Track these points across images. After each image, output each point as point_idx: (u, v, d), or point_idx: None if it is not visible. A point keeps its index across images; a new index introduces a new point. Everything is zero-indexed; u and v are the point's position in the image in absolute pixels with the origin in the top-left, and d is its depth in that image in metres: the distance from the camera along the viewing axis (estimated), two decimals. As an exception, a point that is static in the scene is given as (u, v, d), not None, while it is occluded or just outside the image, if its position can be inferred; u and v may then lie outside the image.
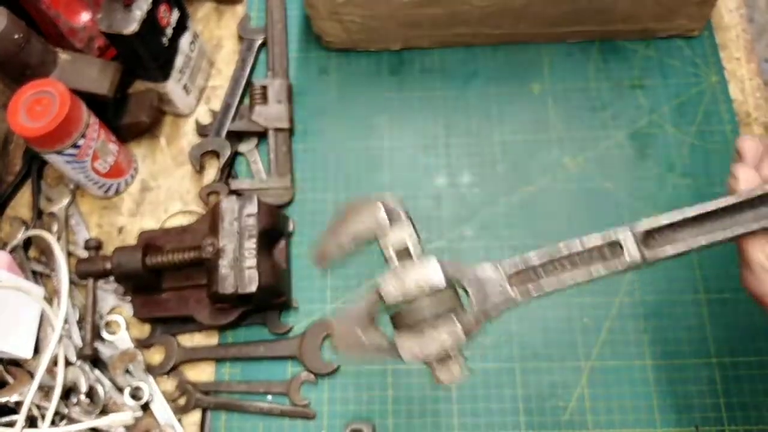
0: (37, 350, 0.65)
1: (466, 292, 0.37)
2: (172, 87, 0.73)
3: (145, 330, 0.69)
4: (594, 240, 0.36)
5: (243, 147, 0.75)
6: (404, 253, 0.37)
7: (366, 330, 0.36)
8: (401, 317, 0.36)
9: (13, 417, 0.62)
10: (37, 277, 0.71)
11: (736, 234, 0.36)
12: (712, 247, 0.37)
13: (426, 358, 0.35)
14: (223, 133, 0.74)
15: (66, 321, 0.66)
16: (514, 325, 0.65)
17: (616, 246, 0.35)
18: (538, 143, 0.73)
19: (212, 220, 0.64)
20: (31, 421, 0.62)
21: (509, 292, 0.36)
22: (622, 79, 0.75)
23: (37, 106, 0.63)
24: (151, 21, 0.65)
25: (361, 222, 0.37)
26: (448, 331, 0.35)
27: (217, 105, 0.78)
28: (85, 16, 0.73)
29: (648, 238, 0.36)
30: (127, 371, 0.65)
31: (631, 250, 0.35)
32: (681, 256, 0.37)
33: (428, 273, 0.36)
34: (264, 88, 0.75)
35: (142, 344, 0.67)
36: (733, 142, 0.71)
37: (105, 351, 0.66)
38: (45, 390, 0.63)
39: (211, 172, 0.74)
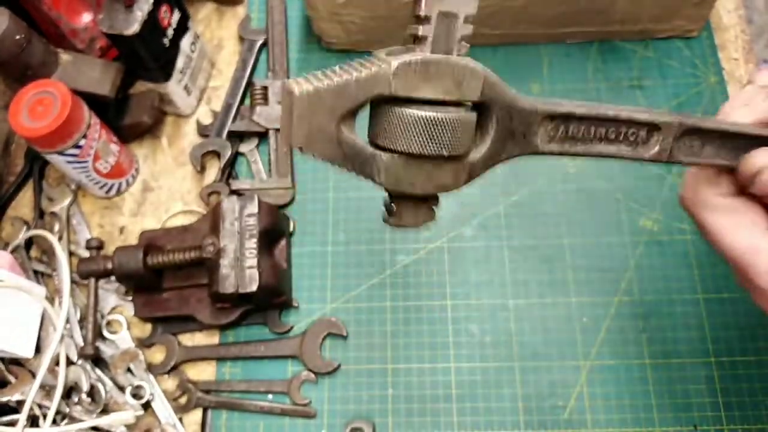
0: (38, 349, 0.65)
1: (493, 118, 0.28)
2: (174, 87, 0.73)
3: (146, 329, 0.69)
4: (639, 114, 0.31)
5: (244, 147, 0.75)
6: (450, 29, 0.26)
7: (344, 121, 0.25)
8: (409, 127, 0.26)
9: (15, 416, 0.62)
10: (38, 276, 0.71)
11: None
12: (719, 167, 0.34)
13: (412, 192, 0.27)
14: (224, 134, 0.75)
15: (67, 320, 0.66)
16: (514, 324, 0.66)
17: (654, 129, 0.31)
18: None
19: (213, 220, 0.64)
20: (33, 421, 0.63)
21: (535, 137, 0.29)
22: (621, 80, 0.75)
23: (38, 107, 0.63)
24: (152, 22, 0.66)
25: None
26: (453, 169, 0.27)
27: (218, 105, 0.78)
28: (86, 17, 0.73)
29: (684, 136, 0.32)
30: (129, 370, 0.66)
31: (668, 141, 0.31)
32: (691, 165, 0.35)
33: (467, 73, 0.26)
34: (265, 88, 0.75)
35: (143, 343, 0.68)
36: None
37: (106, 350, 0.67)
38: (46, 389, 0.63)
39: (212, 172, 0.74)
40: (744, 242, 0.37)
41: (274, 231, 0.66)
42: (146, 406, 0.64)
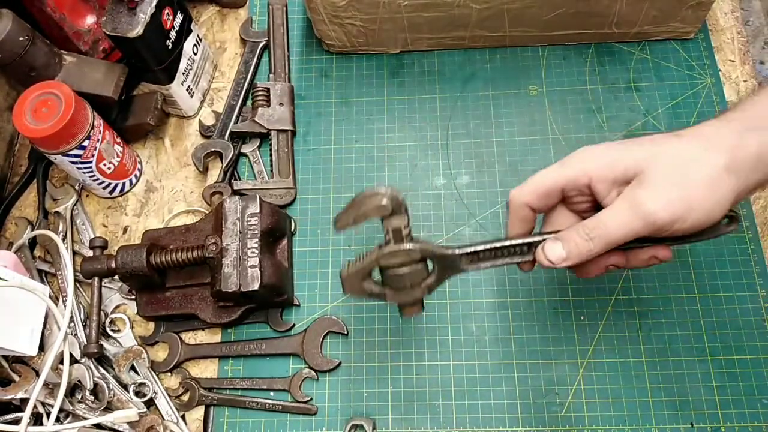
0: (42, 348, 0.65)
1: (433, 263, 0.51)
2: (176, 89, 0.74)
3: (149, 328, 0.70)
4: (517, 239, 0.51)
5: (246, 148, 0.76)
6: (398, 233, 0.50)
7: (364, 279, 0.51)
8: (391, 279, 0.51)
9: (19, 414, 0.63)
10: (42, 276, 0.72)
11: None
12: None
13: (403, 303, 0.52)
14: (226, 135, 0.75)
15: (71, 319, 0.67)
16: (513, 322, 0.66)
17: (531, 246, 0.51)
18: (535, 144, 0.74)
19: (215, 219, 0.65)
20: (36, 418, 0.63)
21: (460, 265, 0.51)
22: (618, 82, 0.76)
23: (42, 108, 0.64)
24: (155, 24, 0.67)
25: (372, 205, 0.49)
26: (419, 290, 0.51)
27: (220, 107, 0.79)
28: (89, 19, 0.74)
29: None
30: (132, 368, 0.66)
31: (531, 254, 0.51)
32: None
33: (411, 250, 0.50)
34: (266, 90, 0.76)
35: (147, 342, 0.68)
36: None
37: (110, 348, 0.67)
38: (50, 387, 0.63)
39: (215, 172, 0.75)
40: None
41: (275, 231, 0.67)
42: (149, 403, 0.65)
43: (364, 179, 0.74)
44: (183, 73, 0.74)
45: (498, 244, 0.50)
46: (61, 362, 0.63)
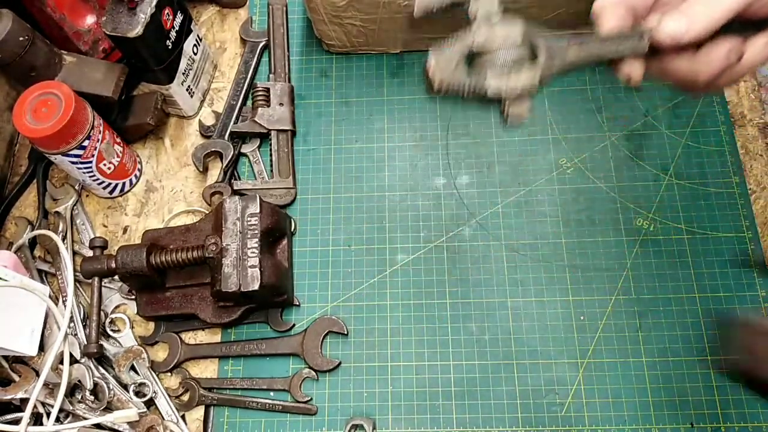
0: (42, 348, 0.65)
1: (537, 50, 0.45)
2: (176, 89, 0.74)
3: (149, 328, 0.70)
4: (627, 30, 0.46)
5: (246, 148, 0.76)
6: (489, 20, 0.45)
7: (456, 67, 0.44)
8: (490, 61, 0.44)
9: (19, 414, 0.63)
10: (42, 276, 0.72)
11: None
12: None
13: (506, 94, 0.43)
14: (227, 135, 0.75)
15: (71, 319, 0.67)
16: (512, 322, 0.66)
17: (643, 34, 0.45)
18: (535, 144, 0.74)
19: (215, 219, 0.65)
20: (37, 418, 0.63)
21: (567, 55, 0.45)
22: (618, 82, 0.76)
23: (42, 108, 0.64)
24: (155, 24, 0.67)
25: None
26: (527, 75, 0.44)
27: (220, 107, 0.79)
28: (89, 19, 0.74)
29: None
30: (132, 368, 0.66)
31: (646, 39, 0.45)
32: None
33: (511, 28, 0.45)
34: (266, 90, 0.76)
35: (147, 342, 0.68)
36: (727, 143, 0.72)
37: (110, 348, 0.67)
38: (50, 387, 0.63)
39: (215, 172, 0.75)
40: None
41: (275, 231, 0.67)
42: (149, 403, 0.65)
43: (364, 179, 0.74)
44: (183, 73, 0.74)
45: (609, 31, 0.46)
46: (61, 362, 0.63)
